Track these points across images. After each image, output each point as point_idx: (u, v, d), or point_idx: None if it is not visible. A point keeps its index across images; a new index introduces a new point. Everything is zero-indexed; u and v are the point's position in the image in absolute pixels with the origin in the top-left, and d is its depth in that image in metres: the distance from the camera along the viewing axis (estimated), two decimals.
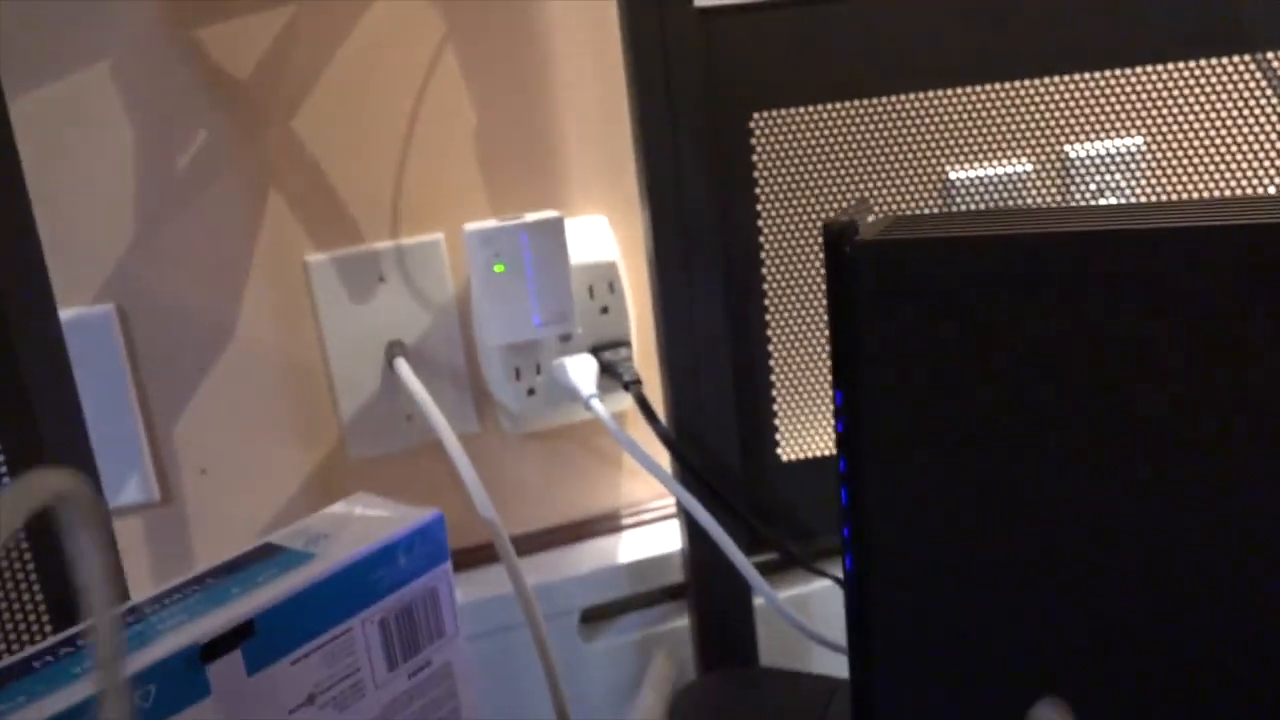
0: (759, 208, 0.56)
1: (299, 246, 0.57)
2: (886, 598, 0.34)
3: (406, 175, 0.58)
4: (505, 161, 0.60)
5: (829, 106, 0.55)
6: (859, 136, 0.55)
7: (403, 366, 0.57)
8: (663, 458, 0.62)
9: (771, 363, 0.58)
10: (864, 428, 0.32)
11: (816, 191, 0.56)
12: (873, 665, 0.34)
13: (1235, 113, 0.54)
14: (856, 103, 0.55)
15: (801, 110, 0.55)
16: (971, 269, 0.29)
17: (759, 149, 0.55)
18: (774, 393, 0.59)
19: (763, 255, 0.57)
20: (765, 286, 0.57)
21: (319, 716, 0.37)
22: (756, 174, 0.55)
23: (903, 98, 0.54)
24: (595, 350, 0.60)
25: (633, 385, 0.57)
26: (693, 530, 0.61)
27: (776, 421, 0.60)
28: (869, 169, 0.56)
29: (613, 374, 0.59)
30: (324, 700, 0.37)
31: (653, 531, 0.66)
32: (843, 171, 0.56)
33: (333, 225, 0.58)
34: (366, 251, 0.58)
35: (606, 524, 0.67)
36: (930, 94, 0.55)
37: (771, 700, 0.52)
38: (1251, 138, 0.54)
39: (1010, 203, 0.57)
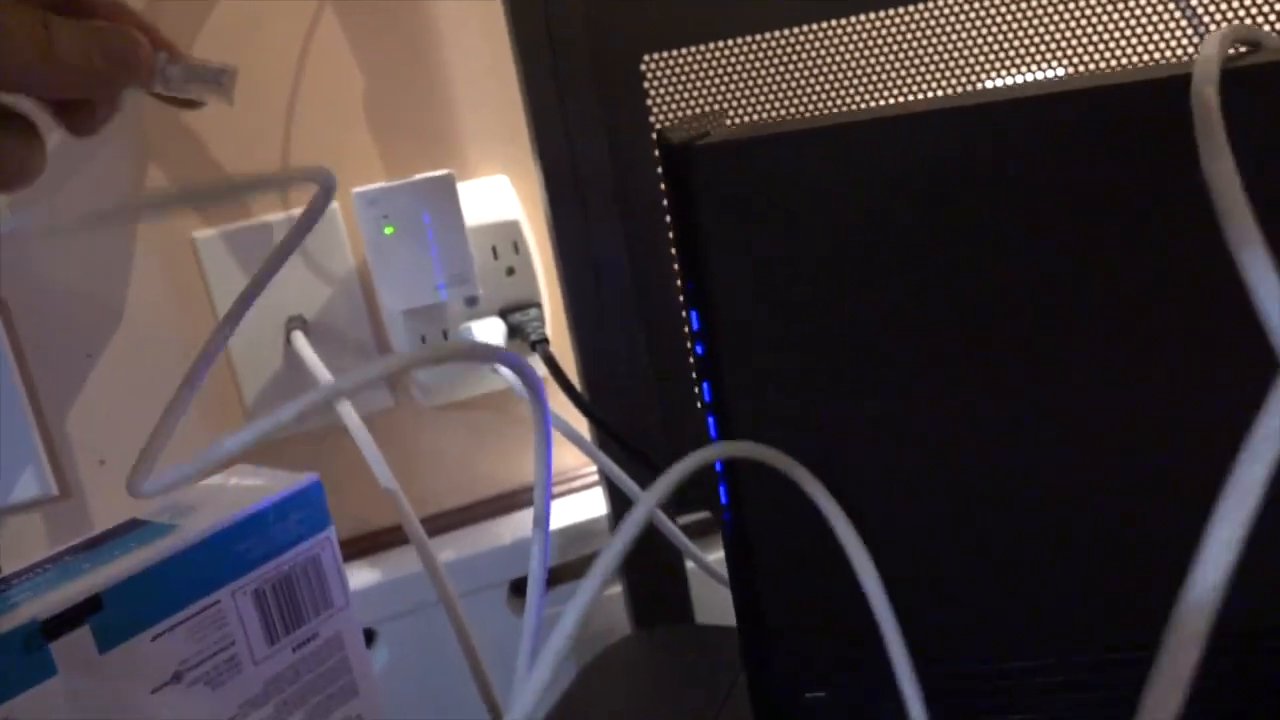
0: (655, 154, 0.54)
1: (185, 223, 0.55)
2: (766, 534, 0.32)
3: (294, 143, 0.56)
4: (398, 126, 0.58)
5: (722, 44, 0.53)
6: (757, 74, 0.54)
7: (300, 341, 0.55)
8: (581, 423, 0.60)
9: (683, 314, 0.57)
10: (724, 347, 0.31)
11: None
12: (754, 589, 0.33)
13: (1153, 48, 0.53)
14: (751, 38, 0.53)
15: (694, 50, 0.53)
16: (809, 162, 0.27)
17: (653, 93, 0.53)
18: (688, 344, 0.57)
19: (664, 204, 0.55)
20: (669, 236, 0.55)
21: (188, 695, 0.35)
22: (653, 118, 0.53)
23: (802, 29, 0.53)
24: (504, 313, 0.58)
25: (540, 345, 0.56)
26: (615, 495, 0.60)
27: (694, 375, 0.58)
28: (769, 107, 0.54)
29: (523, 336, 0.57)
30: (193, 677, 0.35)
31: (580, 500, 0.64)
32: (742, 113, 0.54)
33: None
34: (257, 224, 0.56)
35: (532, 495, 0.65)
36: (831, 23, 0.53)
37: (698, 654, 0.51)
38: None
39: None
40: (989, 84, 0.54)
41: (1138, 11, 0.52)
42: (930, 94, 0.54)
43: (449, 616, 0.52)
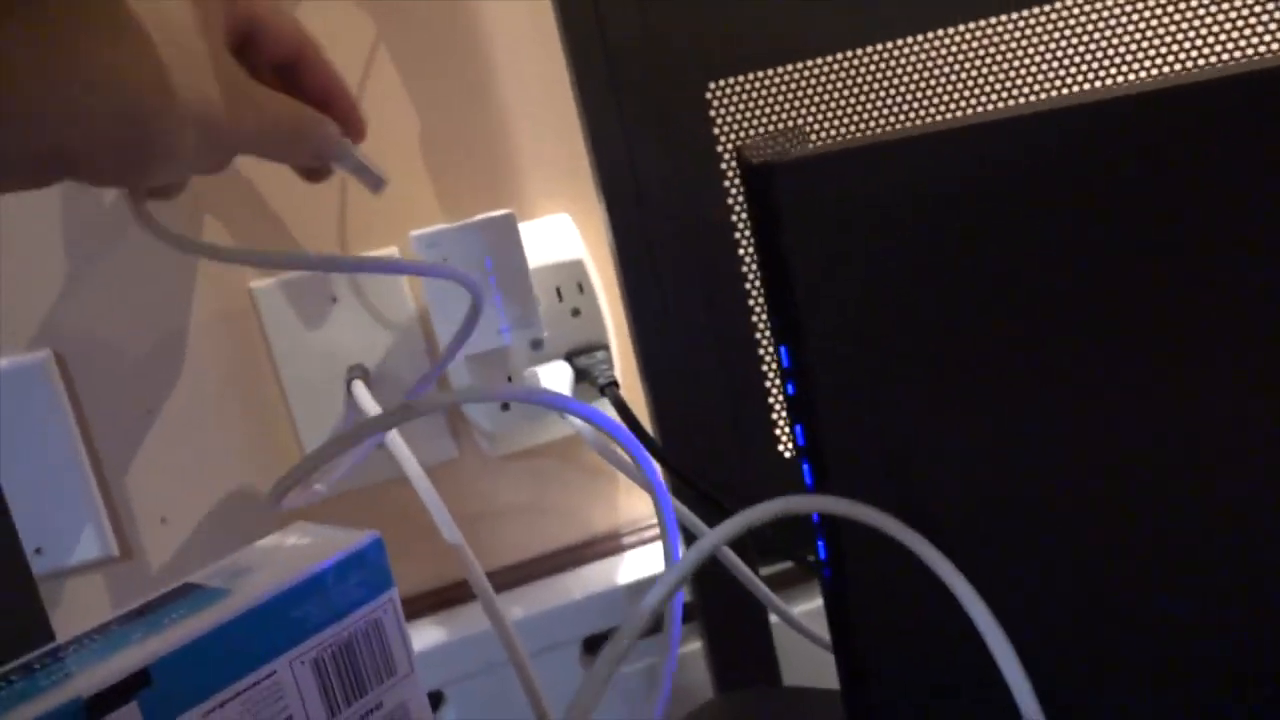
0: (726, 184, 0.51)
1: (243, 274, 0.54)
2: (869, 594, 0.29)
3: (351, 188, 0.55)
4: (455, 167, 0.56)
5: (789, 68, 0.50)
6: (824, 96, 0.51)
7: (361, 391, 0.53)
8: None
9: (761, 351, 0.54)
10: (818, 385, 0.28)
11: None
12: (858, 652, 0.29)
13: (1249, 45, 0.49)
14: (817, 61, 0.50)
15: (760, 74, 0.50)
16: (900, 175, 0.24)
17: (719, 121, 0.51)
18: (767, 384, 0.54)
19: (737, 235, 0.52)
20: (744, 269, 0.53)
21: None
22: (720, 148, 0.51)
23: (870, 49, 0.50)
24: (570, 356, 0.56)
25: (609, 389, 0.53)
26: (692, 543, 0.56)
27: (774, 415, 0.55)
28: (839, 129, 0.51)
29: (590, 380, 0.55)
30: None
31: (656, 550, 0.61)
32: (812, 135, 0.51)
33: (276, 248, 0.54)
34: (313, 274, 0.54)
35: (606, 545, 0.62)
36: (899, 43, 0.50)
37: (789, 718, 0.47)
38: None
39: None
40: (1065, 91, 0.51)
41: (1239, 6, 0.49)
42: (1000, 104, 0.51)
43: (519, 677, 0.49)
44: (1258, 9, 0.48)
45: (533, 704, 0.49)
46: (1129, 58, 0.50)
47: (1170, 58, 0.49)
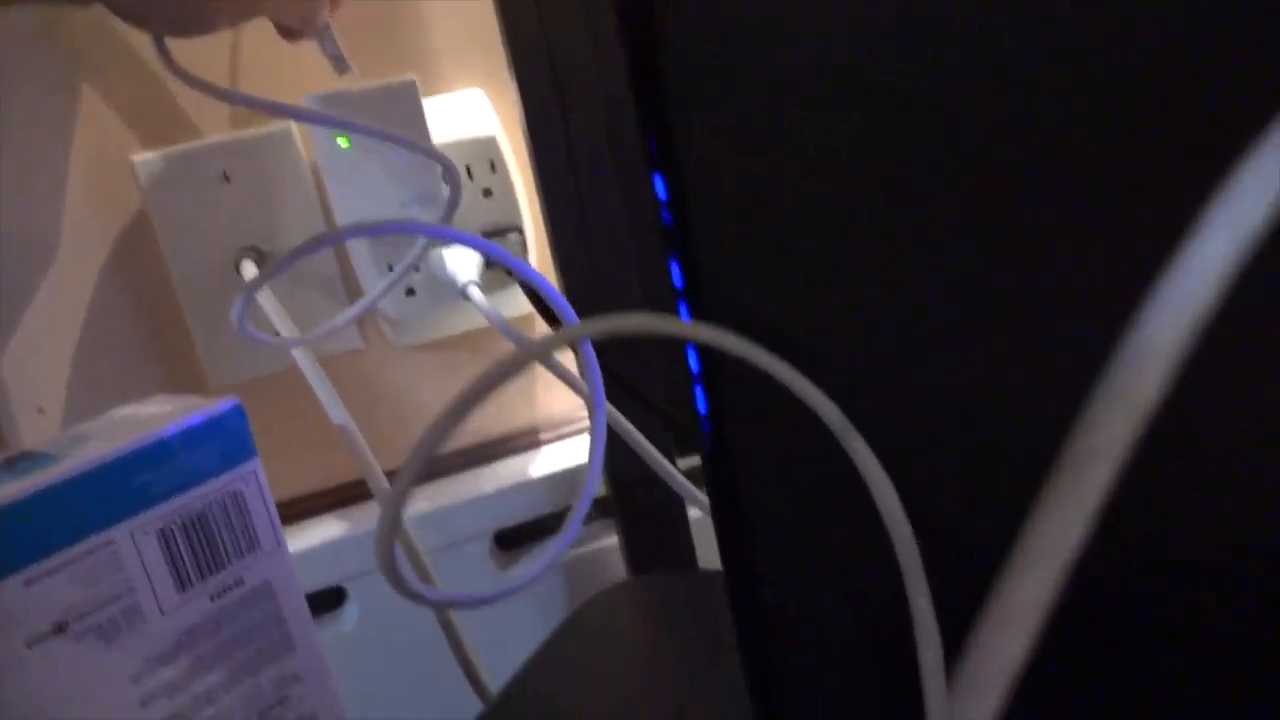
0: None
1: (123, 146, 0.50)
2: (755, 453, 0.26)
3: (243, 56, 0.51)
4: (360, 36, 0.52)
5: None
6: None
7: (250, 271, 0.50)
8: (570, 359, 0.55)
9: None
10: (695, 212, 0.25)
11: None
12: (739, 512, 0.27)
13: None
14: None
15: None
16: None
17: None
18: None
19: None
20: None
21: (76, 649, 0.30)
22: None
23: None
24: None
25: None
26: (609, 436, 0.54)
27: None
28: None
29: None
30: (80, 628, 0.30)
31: (573, 446, 0.59)
32: None
33: (161, 119, 0.50)
34: (203, 147, 0.51)
35: (522, 441, 0.60)
36: None
37: (698, 600, 0.45)
38: None
39: None
40: None
41: None
42: None
43: (413, 571, 0.47)
44: None
45: (432, 600, 0.47)
46: None
47: None
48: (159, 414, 0.34)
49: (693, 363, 0.28)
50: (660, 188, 0.26)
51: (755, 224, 0.24)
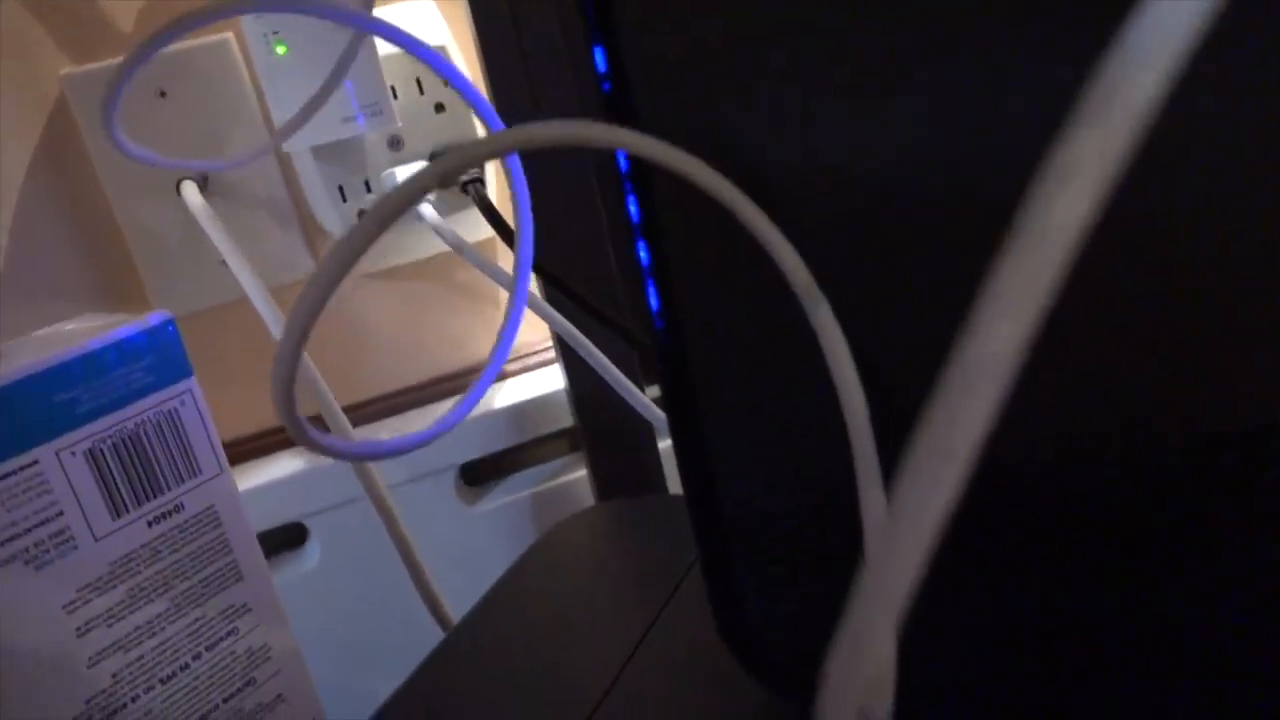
0: None
1: (51, 60, 0.47)
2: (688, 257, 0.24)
3: None
4: None
5: None
6: None
7: (191, 194, 0.47)
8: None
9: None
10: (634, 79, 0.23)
11: None
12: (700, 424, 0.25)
13: None
14: None
15: None
16: None
17: None
18: None
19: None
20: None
21: (1, 575, 0.28)
22: None
23: None
24: (434, 156, 0.50)
25: (472, 185, 0.48)
26: (574, 363, 0.52)
27: None
28: None
29: (455, 181, 0.49)
30: (6, 554, 0.28)
31: (537, 378, 0.57)
32: None
33: (91, 31, 0.47)
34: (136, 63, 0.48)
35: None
36: None
37: (666, 525, 0.44)
38: None
39: None
40: None
41: None
42: None
43: (376, 509, 0.45)
44: None
45: (392, 535, 0.45)
46: None
47: None
48: (86, 329, 0.32)
49: (642, 253, 0.26)
50: (600, 60, 0.24)
51: (710, 52, 0.22)
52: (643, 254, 0.26)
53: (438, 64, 0.37)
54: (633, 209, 0.23)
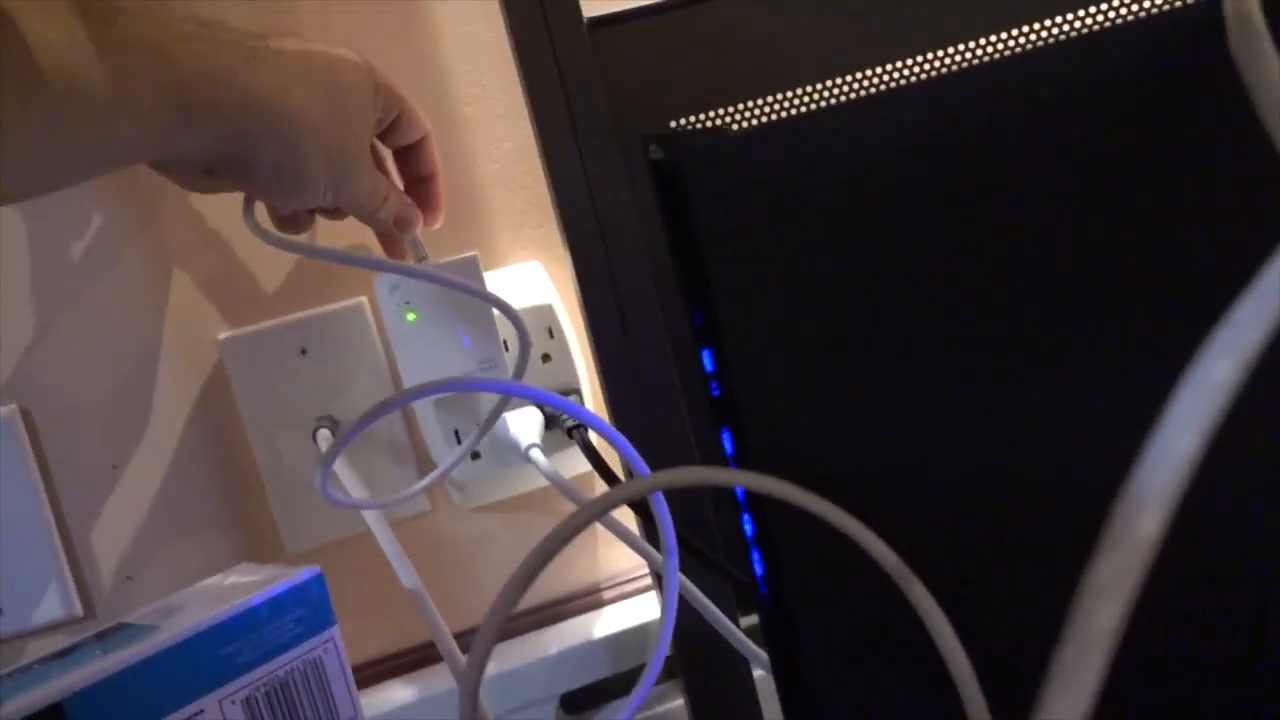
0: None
1: (211, 326, 0.54)
2: (811, 605, 0.27)
3: (319, 238, 0.55)
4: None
5: (752, 103, 0.50)
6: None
7: (326, 440, 0.52)
8: (628, 520, 0.56)
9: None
10: (740, 381, 0.27)
11: None
12: (803, 682, 0.28)
13: None
14: (776, 97, 0.50)
15: (723, 112, 0.51)
16: (805, 150, 0.24)
17: None
18: None
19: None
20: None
21: None
22: None
23: (826, 84, 0.50)
24: (540, 404, 0.55)
25: (576, 430, 0.52)
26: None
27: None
28: None
29: (559, 425, 0.54)
30: None
31: (635, 605, 0.60)
32: None
33: (244, 300, 0.54)
34: (283, 324, 0.54)
35: (585, 601, 0.60)
36: (858, 76, 0.50)
37: None
38: None
39: None
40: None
41: None
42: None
43: None
44: None
45: None
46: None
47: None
48: (244, 584, 0.36)
49: (747, 525, 0.29)
50: (708, 361, 0.28)
51: (799, 383, 0.26)
52: (747, 526, 0.29)
53: (577, 412, 0.43)
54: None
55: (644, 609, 0.58)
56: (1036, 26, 0.49)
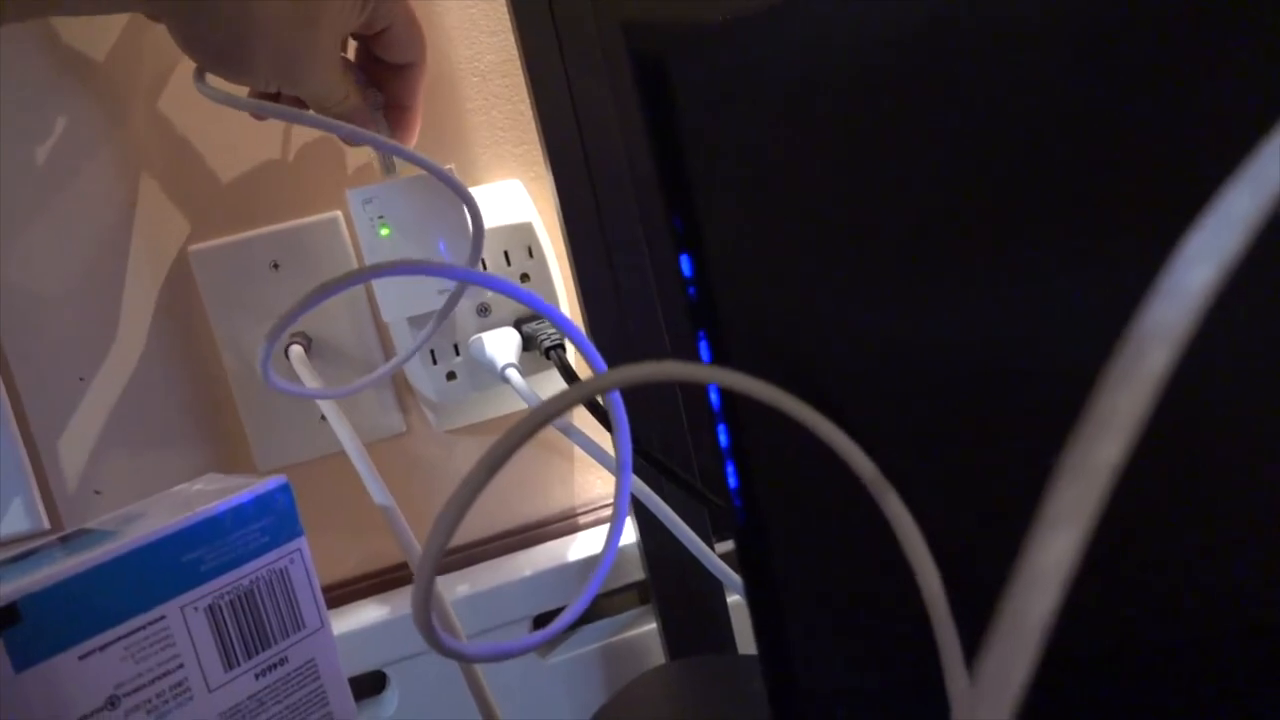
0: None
1: (180, 237, 0.52)
2: (783, 511, 0.27)
3: (292, 150, 0.53)
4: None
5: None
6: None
7: (298, 357, 0.51)
8: (604, 438, 0.55)
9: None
10: (718, 284, 0.26)
11: None
12: (773, 586, 0.27)
13: None
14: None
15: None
16: (785, 43, 0.22)
17: None
18: None
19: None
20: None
21: None
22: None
23: None
24: (518, 323, 0.54)
25: (554, 351, 0.51)
26: (646, 520, 0.54)
27: None
28: None
29: (537, 346, 0.53)
30: (131, 704, 0.31)
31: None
32: None
33: (215, 211, 0.53)
34: (255, 236, 0.53)
35: (561, 525, 0.60)
36: None
37: (737, 683, 0.45)
38: None
39: None
40: None
41: None
42: None
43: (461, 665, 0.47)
44: None
45: (470, 684, 0.47)
46: None
47: None
48: (209, 492, 0.35)
49: (722, 436, 0.28)
50: (686, 266, 0.27)
51: (779, 286, 0.25)
52: (722, 437, 0.28)
53: (544, 310, 0.41)
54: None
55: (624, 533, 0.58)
56: None
